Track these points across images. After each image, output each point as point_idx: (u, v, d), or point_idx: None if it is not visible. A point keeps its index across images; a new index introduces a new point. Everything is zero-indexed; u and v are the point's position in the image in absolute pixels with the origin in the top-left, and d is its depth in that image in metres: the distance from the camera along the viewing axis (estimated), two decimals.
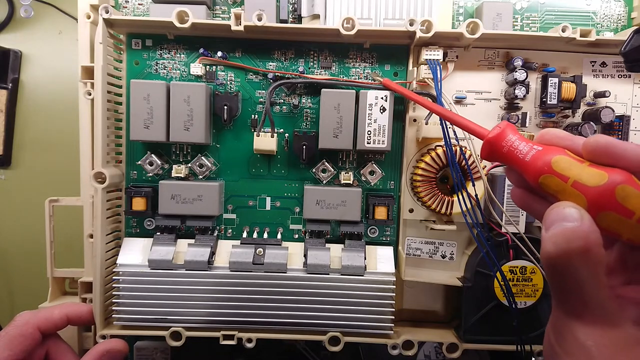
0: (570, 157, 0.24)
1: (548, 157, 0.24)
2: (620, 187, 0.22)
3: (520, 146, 0.26)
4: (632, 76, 0.46)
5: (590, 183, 0.23)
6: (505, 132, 0.27)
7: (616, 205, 0.22)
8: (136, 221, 0.47)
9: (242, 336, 0.43)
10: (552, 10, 0.48)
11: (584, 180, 0.23)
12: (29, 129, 0.62)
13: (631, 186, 0.22)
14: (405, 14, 0.45)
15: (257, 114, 0.46)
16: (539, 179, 0.25)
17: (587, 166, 0.23)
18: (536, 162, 0.25)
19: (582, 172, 0.23)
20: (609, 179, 0.22)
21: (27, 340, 0.37)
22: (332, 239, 0.47)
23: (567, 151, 0.24)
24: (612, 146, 0.23)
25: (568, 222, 0.22)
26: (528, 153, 0.26)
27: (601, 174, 0.23)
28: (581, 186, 0.23)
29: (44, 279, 0.49)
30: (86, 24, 0.46)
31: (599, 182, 0.22)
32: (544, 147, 0.25)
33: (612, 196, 0.22)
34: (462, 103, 0.46)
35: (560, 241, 0.21)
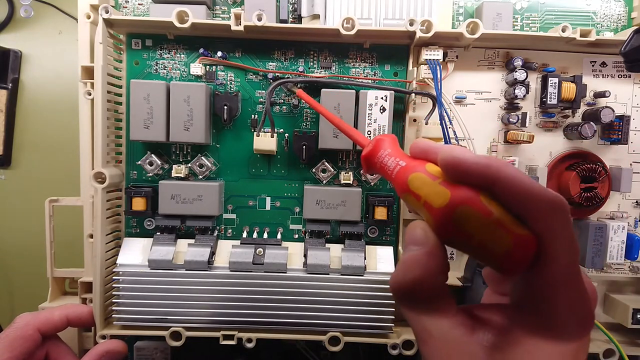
0: (426, 173, 0.23)
1: (406, 174, 0.24)
2: (459, 209, 0.20)
3: (389, 162, 0.26)
4: (632, 76, 0.46)
5: (435, 203, 0.21)
6: (376, 148, 0.27)
7: (455, 228, 0.21)
8: (136, 221, 0.47)
9: (242, 336, 0.43)
10: (552, 10, 0.48)
11: (430, 199, 0.22)
12: (29, 129, 0.62)
13: (471, 207, 0.20)
14: (405, 14, 0.45)
15: (257, 114, 0.46)
16: (402, 196, 0.24)
17: (438, 184, 0.22)
18: (399, 179, 0.24)
19: (430, 191, 0.22)
20: (450, 200, 0.21)
21: (27, 342, 0.37)
22: (332, 239, 0.47)
23: (428, 166, 0.23)
24: (455, 161, 0.21)
25: (414, 246, 0.22)
26: (394, 169, 0.25)
27: (444, 193, 0.21)
28: (429, 206, 0.22)
29: (44, 279, 0.49)
30: (86, 24, 0.46)
31: (441, 202, 0.21)
32: (407, 163, 0.24)
33: (451, 218, 0.21)
34: (462, 103, 0.46)
35: (400, 270, 0.22)
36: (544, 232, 0.20)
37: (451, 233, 0.21)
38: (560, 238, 0.19)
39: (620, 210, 0.47)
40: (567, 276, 0.20)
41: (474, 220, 0.20)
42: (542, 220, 0.20)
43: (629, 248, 0.45)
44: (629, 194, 0.47)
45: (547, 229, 0.19)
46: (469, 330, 0.21)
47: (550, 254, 0.19)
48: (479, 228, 0.20)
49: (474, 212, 0.20)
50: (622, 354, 0.45)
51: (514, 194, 0.20)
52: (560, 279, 0.20)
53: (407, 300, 0.22)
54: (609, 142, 0.46)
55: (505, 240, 0.20)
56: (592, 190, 0.44)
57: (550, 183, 0.46)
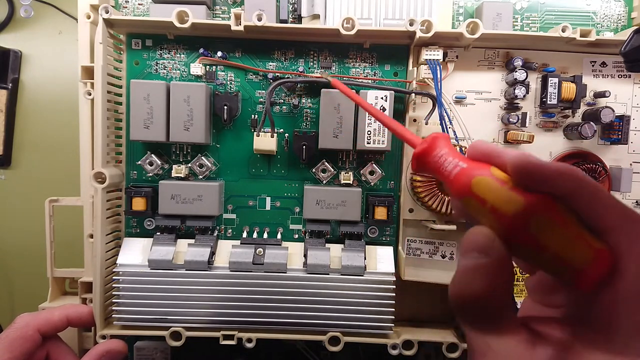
0: (492, 177, 0.21)
1: (469, 177, 0.22)
2: (535, 218, 0.19)
3: (446, 162, 0.24)
4: (632, 76, 0.46)
5: (505, 210, 0.20)
6: (432, 147, 0.25)
7: (528, 237, 0.19)
8: (136, 221, 0.47)
9: (242, 336, 0.43)
10: (552, 10, 0.48)
11: (499, 205, 0.20)
12: (29, 129, 0.62)
13: (548, 216, 0.19)
14: (405, 14, 0.45)
15: (257, 114, 0.46)
16: (462, 200, 0.22)
17: (508, 189, 0.20)
18: (459, 182, 0.22)
19: (499, 197, 0.20)
20: (524, 207, 0.19)
21: (27, 343, 0.37)
22: (332, 239, 0.47)
23: (493, 169, 0.22)
24: (530, 168, 0.20)
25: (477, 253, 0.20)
26: (453, 170, 0.23)
27: (517, 200, 0.20)
28: (497, 212, 0.20)
29: (44, 279, 0.49)
30: (86, 24, 0.46)
31: (513, 209, 0.20)
32: (468, 165, 0.23)
33: (525, 227, 0.19)
34: (462, 103, 0.46)
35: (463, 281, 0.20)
36: (621, 248, 0.19)
37: (523, 242, 0.20)
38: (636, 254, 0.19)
39: None
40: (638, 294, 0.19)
41: (551, 230, 0.19)
42: (620, 236, 0.19)
43: None
44: (629, 194, 0.47)
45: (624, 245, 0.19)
46: (530, 345, 0.20)
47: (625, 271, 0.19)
48: (556, 239, 0.19)
49: (551, 222, 0.19)
50: None
51: (594, 205, 0.19)
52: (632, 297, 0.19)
53: (469, 314, 0.21)
54: (609, 142, 0.46)
55: (585, 253, 0.19)
56: None
57: None
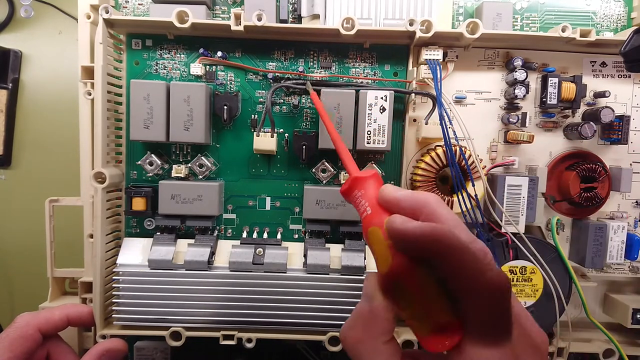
0: (382, 230, 0.23)
1: (368, 225, 0.24)
2: (395, 281, 0.21)
3: (360, 204, 0.26)
4: (632, 76, 0.46)
5: (380, 267, 0.22)
6: (351, 188, 0.27)
7: (392, 296, 0.22)
8: (136, 221, 0.47)
9: (242, 336, 0.43)
10: (552, 10, 0.48)
11: (378, 261, 0.23)
12: (29, 129, 0.62)
13: (405, 282, 0.21)
14: (405, 14, 0.45)
15: (257, 114, 0.46)
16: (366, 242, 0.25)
17: (386, 246, 0.22)
18: (363, 225, 0.25)
19: (380, 252, 0.23)
20: (389, 269, 0.22)
21: (28, 342, 0.37)
22: (332, 239, 0.47)
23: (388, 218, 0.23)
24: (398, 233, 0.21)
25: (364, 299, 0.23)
26: (363, 213, 0.25)
27: (388, 261, 0.22)
28: (378, 266, 0.23)
29: (44, 279, 0.49)
30: (86, 24, 0.46)
31: (383, 269, 0.22)
32: (372, 211, 0.25)
33: (390, 287, 0.22)
34: (462, 103, 0.46)
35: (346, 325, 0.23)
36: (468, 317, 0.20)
37: (389, 298, 0.22)
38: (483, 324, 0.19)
39: (620, 210, 0.47)
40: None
41: (405, 296, 0.21)
42: (468, 304, 0.20)
43: (628, 248, 0.45)
44: (629, 194, 0.47)
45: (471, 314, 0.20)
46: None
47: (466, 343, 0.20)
48: (408, 305, 0.21)
49: (406, 289, 0.21)
50: (622, 354, 0.45)
51: (450, 270, 0.20)
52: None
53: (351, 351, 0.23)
54: (608, 142, 0.46)
55: (430, 323, 0.20)
56: (592, 190, 0.44)
57: (550, 183, 0.46)
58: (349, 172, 0.30)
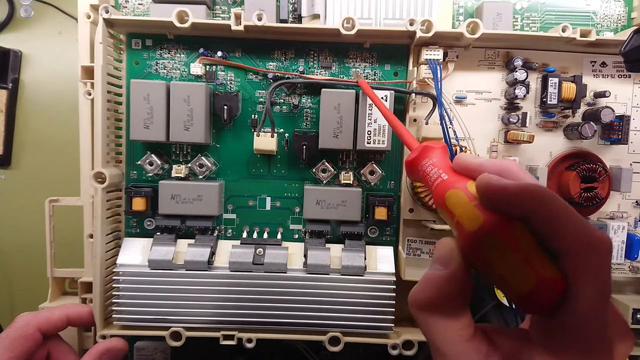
0: (465, 192, 0.22)
1: (445, 189, 0.23)
2: (488, 238, 0.20)
3: (431, 173, 0.25)
4: (632, 76, 0.46)
5: (466, 226, 0.21)
6: (421, 156, 0.26)
7: (480, 255, 0.20)
8: (136, 221, 0.47)
9: (242, 336, 0.43)
10: (552, 10, 0.48)
11: (462, 221, 0.21)
12: (29, 129, 0.62)
13: (500, 238, 0.20)
14: (405, 14, 0.45)
15: (257, 114, 0.46)
16: (438, 210, 0.24)
17: (474, 206, 0.21)
18: (437, 192, 0.24)
19: (464, 213, 0.21)
20: (481, 226, 0.20)
21: (28, 342, 0.37)
22: (332, 239, 0.47)
23: (469, 184, 0.22)
24: (492, 189, 0.20)
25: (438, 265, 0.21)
26: (435, 181, 0.24)
27: (477, 218, 0.20)
28: (460, 227, 0.21)
29: (44, 279, 0.49)
30: (86, 24, 0.46)
31: (472, 227, 0.21)
32: (449, 177, 0.24)
33: (479, 245, 0.20)
34: (462, 103, 0.46)
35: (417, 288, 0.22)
36: (575, 277, 0.18)
37: (475, 259, 0.21)
38: (591, 285, 0.18)
39: (620, 210, 0.47)
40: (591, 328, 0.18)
41: (500, 251, 0.20)
42: (573, 261, 0.18)
43: (629, 248, 0.45)
44: (629, 194, 0.47)
45: (579, 273, 0.18)
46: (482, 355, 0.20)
47: (578, 301, 0.18)
48: (503, 261, 0.20)
49: (502, 244, 0.20)
50: None
51: (551, 228, 0.19)
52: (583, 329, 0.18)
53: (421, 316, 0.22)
54: (609, 142, 0.46)
55: (529, 280, 0.19)
56: (592, 190, 0.44)
57: (550, 183, 0.46)
58: (410, 145, 0.29)
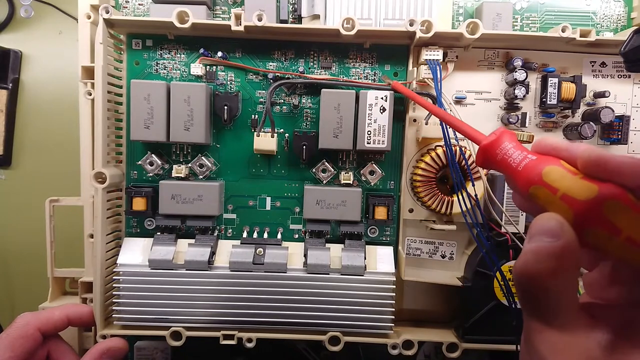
0: (563, 168, 0.22)
1: (540, 167, 0.23)
2: (610, 203, 0.20)
3: (514, 155, 0.25)
4: (632, 76, 0.46)
5: (579, 196, 0.21)
6: (500, 140, 0.26)
7: (603, 221, 0.20)
8: (136, 221, 0.47)
9: (242, 336, 0.43)
10: (551, 10, 0.48)
11: (572, 193, 0.21)
12: (29, 129, 0.62)
13: (622, 202, 0.20)
14: (405, 14, 0.45)
15: (257, 114, 0.46)
16: (529, 190, 0.23)
17: (580, 179, 0.22)
18: (528, 172, 0.24)
19: (572, 185, 0.22)
20: (599, 193, 0.21)
21: (28, 342, 0.37)
22: (332, 239, 0.47)
23: (562, 162, 0.23)
24: (605, 159, 0.21)
25: (547, 237, 0.21)
26: (521, 162, 0.24)
27: (591, 187, 0.21)
28: (569, 199, 0.21)
29: (44, 279, 0.49)
30: (86, 24, 0.46)
31: (588, 195, 0.21)
32: (537, 157, 0.24)
33: (600, 211, 0.20)
34: (462, 103, 0.46)
35: (532, 259, 0.21)
36: None
37: (596, 225, 0.21)
38: None
39: None
40: None
41: (626, 215, 0.20)
42: None
43: None
44: None
45: None
46: (589, 329, 0.21)
47: None
48: (631, 223, 0.20)
49: (626, 208, 0.20)
50: None
51: None
52: None
53: (531, 292, 0.21)
54: (608, 142, 0.46)
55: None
56: None
57: None
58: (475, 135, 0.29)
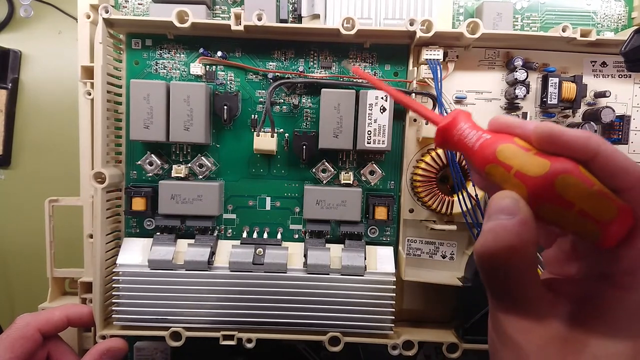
0: (517, 145, 0.23)
1: (494, 146, 0.23)
2: (561, 177, 0.21)
3: (470, 135, 0.25)
4: (633, 76, 0.46)
5: (531, 172, 0.21)
6: (456, 120, 0.26)
7: (555, 196, 0.21)
8: (136, 221, 0.47)
9: (242, 336, 0.43)
10: (552, 10, 0.48)
11: (525, 169, 0.22)
12: (28, 129, 0.62)
13: (573, 176, 0.21)
14: (405, 14, 0.45)
15: (257, 114, 0.46)
16: (485, 168, 0.24)
17: (533, 155, 0.22)
18: (483, 151, 0.24)
19: (525, 161, 0.22)
20: (550, 168, 0.21)
21: (28, 342, 0.37)
22: (332, 239, 0.47)
23: (517, 139, 0.23)
24: (556, 134, 0.21)
25: (503, 215, 0.21)
26: (477, 142, 0.24)
27: (543, 163, 0.21)
28: (523, 176, 0.22)
29: (44, 279, 0.49)
30: (86, 23, 0.46)
31: (540, 171, 0.21)
32: (492, 135, 0.24)
33: (552, 187, 0.21)
34: (462, 103, 0.46)
35: (490, 238, 0.21)
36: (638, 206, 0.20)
37: (549, 200, 0.21)
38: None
39: None
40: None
41: (577, 189, 0.20)
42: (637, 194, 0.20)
43: None
44: None
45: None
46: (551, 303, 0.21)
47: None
48: (583, 197, 0.20)
49: (577, 181, 0.20)
50: None
51: (611, 168, 0.20)
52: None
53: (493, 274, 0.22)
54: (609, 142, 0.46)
55: (610, 209, 0.20)
56: None
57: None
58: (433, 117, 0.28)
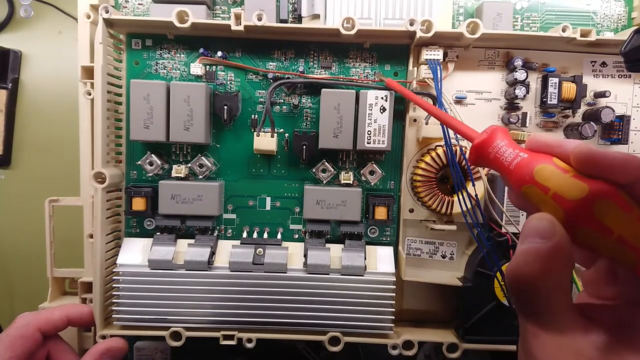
0: (555, 166, 0.22)
1: (531, 166, 0.23)
2: (600, 202, 0.20)
3: (507, 153, 0.24)
4: (632, 76, 0.46)
5: (569, 196, 0.21)
6: (492, 138, 0.25)
7: (593, 221, 0.20)
8: (136, 221, 0.47)
9: (242, 336, 0.43)
10: (552, 10, 0.48)
11: (563, 192, 0.21)
12: (28, 129, 0.62)
13: (613, 201, 0.20)
14: (406, 14, 0.45)
15: (257, 114, 0.46)
16: (522, 189, 0.23)
17: (571, 177, 0.21)
18: (520, 171, 0.23)
19: (563, 184, 0.21)
20: (589, 193, 0.20)
21: (28, 342, 0.37)
22: (332, 239, 0.47)
23: (555, 159, 0.22)
24: (597, 156, 0.20)
25: (538, 238, 0.20)
26: (513, 160, 0.24)
27: (581, 186, 0.20)
28: (560, 198, 0.21)
29: (44, 279, 0.49)
30: (86, 23, 0.46)
31: (578, 195, 0.20)
32: (529, 155, 0.23)
33: (590, 211, 0.20)
34: (462, 103, 0.46)
35: (521, 261, 0.20)
36: None
37: (587, 226, 0.20)
38: None
39: None
40: None
41: (616, 215, 0.20)
42: None
43: None
44: None
45: None
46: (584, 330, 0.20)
47: None
48: (621, 222, 0.20)
49: (616, 207, 0.20)
50: None
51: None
52: None
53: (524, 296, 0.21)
54: (609, 142, 0.46)
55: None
56: None
57: None
58: (469, 133, 0.28)
